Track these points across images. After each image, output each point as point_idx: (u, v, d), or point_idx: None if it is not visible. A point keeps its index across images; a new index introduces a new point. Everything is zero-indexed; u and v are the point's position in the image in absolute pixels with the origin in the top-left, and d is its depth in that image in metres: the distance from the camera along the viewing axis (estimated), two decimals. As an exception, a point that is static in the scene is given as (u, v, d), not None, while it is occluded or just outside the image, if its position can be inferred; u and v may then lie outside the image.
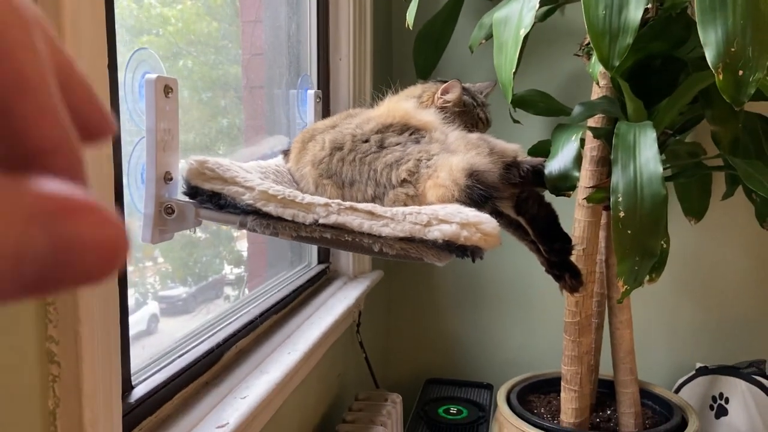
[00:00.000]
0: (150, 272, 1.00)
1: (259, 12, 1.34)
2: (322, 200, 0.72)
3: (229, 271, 1.27)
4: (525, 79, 1.61)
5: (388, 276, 1.85)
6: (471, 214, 0.71)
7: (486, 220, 0.71)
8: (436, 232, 0.69)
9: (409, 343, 2.00)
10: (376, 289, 1.62)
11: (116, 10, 0.70)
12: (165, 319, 1.02)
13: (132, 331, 0.90)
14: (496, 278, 1.90)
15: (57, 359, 0.54)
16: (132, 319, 0.92)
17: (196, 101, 1.09)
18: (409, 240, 0.69)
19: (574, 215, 1.29)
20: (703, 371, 1.68)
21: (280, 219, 0.71)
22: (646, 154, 0.97)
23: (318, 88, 1.43)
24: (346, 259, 1.53)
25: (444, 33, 1.56)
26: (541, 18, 1.31)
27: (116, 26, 0.71)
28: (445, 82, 1.09)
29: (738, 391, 1.59)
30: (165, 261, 1.04)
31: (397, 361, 2.01)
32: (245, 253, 1.33)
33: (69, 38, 0.52)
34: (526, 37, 1.04)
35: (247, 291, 1.26)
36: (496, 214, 0.88)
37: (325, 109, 1.42)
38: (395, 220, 0.70)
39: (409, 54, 1.61)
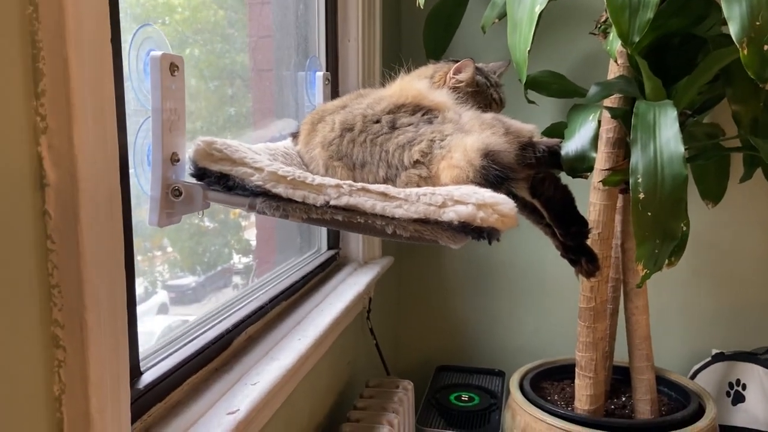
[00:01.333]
0: (159, 261, 0.99)
1: (266, -7, 1.31)
2: (333, 181, 0.70)
3: (238, 260, 1.26)
4: (536, 61, 1.56)
5: (398, 261, 1.83)
6: (487, 194, 0.69)
7: (503, 201, 0.69)
8: (451, 213, 0.66)
9: (420, 329, 1.98)
10: (386, 275, 1.60)
11: (123, -1, 0.68)
12: (174, 308, 1.01)
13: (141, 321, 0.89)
14: (508, 263, 1.87)
15: (62, 344, 0.53)
16: (142, 308, 0.91)
17: (203, 90, 1.07)
18: (424, 222, 0.67)
19: (588, 199, 1.26)
20: (719, 357, 1.65)
21: (290, 201, 0.69)
22: (667, 133, 0.93)
23: (327, 70, 1.40)
24: (356, 244, 1.51)
25: (455, 13, 1.53)
26: (555, -5, 1.27)
27: (123, 15, 0.68)
28: (458, 61, 1.06)
29: (755, 378, 1.57)
30: (173, 250, 1.03)
31: (407, 348, 1.99)
32: (254, 242, 1.32)
33: (70, 8, 0.49)
34: (540, 15, 1.01)
35: (255, 279, 1.24)
36: (511, 196, 0.86)
37: (334, 92, 1.39)
38: (409, 201, 0.68)
39: (419, 35, 1.58)
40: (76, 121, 0.51)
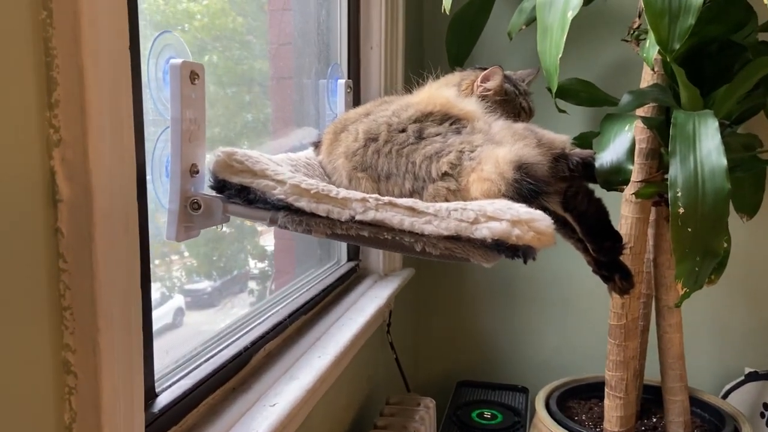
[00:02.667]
0: (176, 266, 0.97)
1: (287, 0, 1.28)
2: (359, 195, 0.66)
3: (254, 265, 1.24)
4: (562, 68, 1.52)
5: (419, 273, 1.79)
6: (522, 210, 0.65)
7: (539, 218, 0.65)
8: (484, 231, 0.62)
9: (440, 343, 1.93)
10: (405, 287, 1.56)
11: (143, 6, 0.65)
12: (190, 313, 0.99)
13: (158, 325, 0.86)
14: (532, 276, 1.82)
15: (74, 369, 0.49)
16: (158, 312, 0.89)
17: (221, 96, 1.06)
18: (455, 239, 0.63)
19: (620, 212, 1.21)
20: (752, 377, 1.59)
21: (313, 215, 0.66)
22: (708, 145, 0.89)
23: (348, 78, 1.37)
24: (376, 256, 1.48)
25: (478, 19, 1.49)
26: (585, 1, 1.22)
27: (143, 23, 0.66)
28: (485, 69, 1.03)
29: (792, 399, 1.50)
30: (190, 255, 1.02)
31: (427, 362, 1.94)
32: (269, 248, 1.29)
33: (86, 13, 0.47)
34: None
35: (273, 287, 1.21)
36: (541, 209, 0.82)
37: (356, 100, 1.36)
38: (439, 216, 0.64)
39: (441, 41, 1.54)
40: (91, 133, 0.48)
